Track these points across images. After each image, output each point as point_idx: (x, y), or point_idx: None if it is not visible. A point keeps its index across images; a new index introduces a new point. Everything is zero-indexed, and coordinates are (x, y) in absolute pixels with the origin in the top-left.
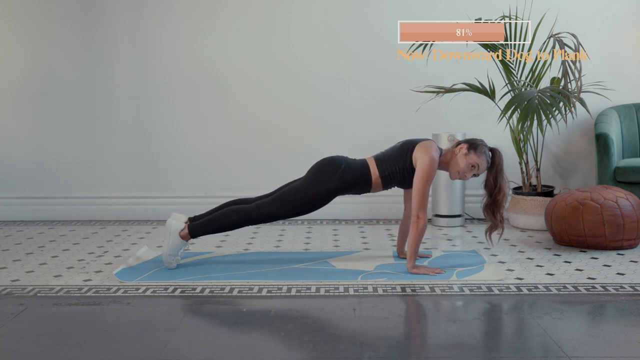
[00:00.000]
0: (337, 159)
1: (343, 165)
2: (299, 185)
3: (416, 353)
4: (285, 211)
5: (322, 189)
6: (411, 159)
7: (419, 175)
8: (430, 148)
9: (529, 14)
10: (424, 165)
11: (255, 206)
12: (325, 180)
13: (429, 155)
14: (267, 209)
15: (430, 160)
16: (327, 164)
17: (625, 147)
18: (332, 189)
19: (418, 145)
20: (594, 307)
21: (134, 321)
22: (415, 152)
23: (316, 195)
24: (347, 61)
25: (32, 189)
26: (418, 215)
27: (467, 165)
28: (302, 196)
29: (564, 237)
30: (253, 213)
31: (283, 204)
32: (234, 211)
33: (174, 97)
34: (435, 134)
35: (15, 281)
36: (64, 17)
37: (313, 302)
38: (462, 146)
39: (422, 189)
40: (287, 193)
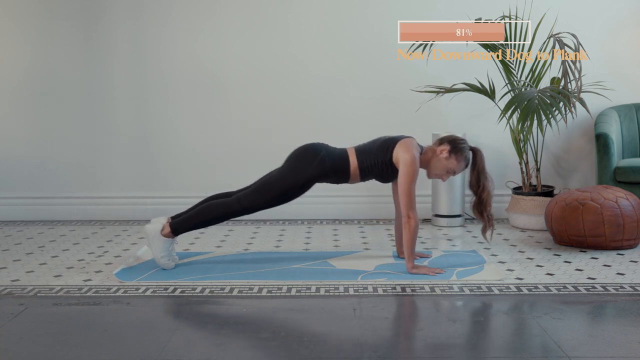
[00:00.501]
0: (317, 146)
1: (322, 152)
2: (278, 173)
3: (416, 353)
4: (265, 201)
5: (300, 176)
6: (391, 155)
7: (403, 174)
8: (411, 146)
9: (529, 14)
10: (407, 165)
11: (236, 199)
12: (304, 167)
13: (410, 153)
14: (248, 201)
15: (412, 159)
16: (305, 151)
17: (625, 147)
18: (310, 177)
19: (399, 143)
20: (594, 307)
21: (134, 321)
22: (397, 150)
23: (295, 183)
24: (347, 61)
25: (32, 189)
26: (408, 215)
27: (445, 169)
28: (281, 185)
29: (564, 237)
30: (234, 206)
31: (263, 194)
32: (215, 205)
33: (174, 97)
34: (435, 134)
35: (15, 281)
36: (64, 17)
37: (313, 302)
38: (444, 148)
39: (407, 188)
40: (267, 182)
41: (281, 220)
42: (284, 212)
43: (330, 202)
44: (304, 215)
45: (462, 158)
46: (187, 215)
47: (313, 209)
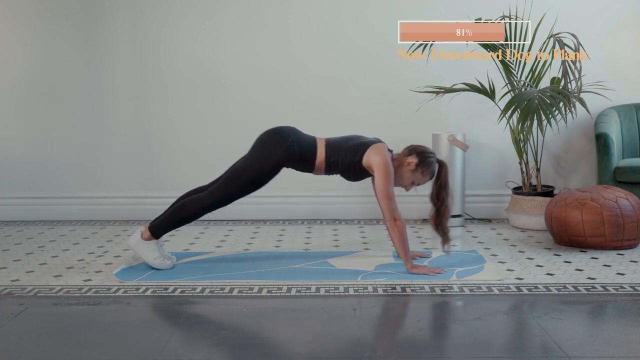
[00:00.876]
0: (285, 130)
1: (291, 137)
2: (246, 160)
3: (416, 353)
4: (238, 189)
5: (269, 161)
6: (362, 157)
7: (379, 179)
8: (383, 150)
9: (529, 14)
10: (381, 168)
11: (209, 193)
12: (271, 151)
13: (382, 156)
14: (220, 192)
15: (385, 161)
16: (274, 135)
17: (625, 147)
18: (278, 161)
19: (371, 148)
20: (594, 307)
21: (134, 321)
22: (368, 154)
23: (264, 168)
24: (347, 61)
25: (32, 189)
26: (393, 218)
27: (411, 182)
28: (250, 171)
29: (564, 237)
30: (208, 199)
31: (234, 183)
32: (189, 202)
33: (174, 97)
34: (435, 134)
35: (15, 281)
36: (64, 17)
37: (313, 302)
38: (412, 161)
39: (386, 191)
40: (236, 171)
41: (281, 220)
42: (284, 212)
43: (330, 202)
44: (304, 215)
45: (428, 172)
46: (163, 216)
47: (313, 209)
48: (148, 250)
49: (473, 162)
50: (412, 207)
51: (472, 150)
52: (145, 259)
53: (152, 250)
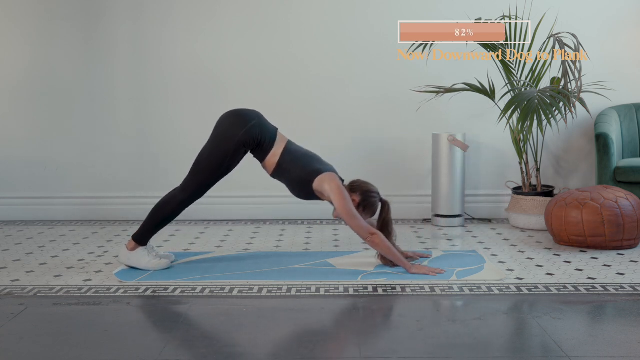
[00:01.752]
0: (250, 113)
1: (255, 121)
2: (209, 146)
3: (416, 353)
4: (206, 177)
5: (230, 144)
6: (314, 179)
7: (338, 203)
8: (335, 178)
9: (529, 14)
10: (335, 192)
11: (180, 189)
12: (232, 134)
13: (335, 182)
14: (190, 185)
15: (338, 186)
16: (233, 117)
17: (625, 147)
18: (239, 143)
19: (324, 175)
20: (594, 307)
21: (134, 321)
22: (321, 179)
23: (226, 152)
24: (347, 61)
25: (32, 189)
26: (368, 233)
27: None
28: (214, 156)
29: (564, 237)
30: (180, 195)
31: (201, 172)
32: (164, 203)
33: (174, 97)
34: (435, 134)
35: (15, 281)
36: (64, 17)
37: (313, 302)
38: (355, 199)
39: (349, 212)
40: (201, 160)
41: (281, 220)
42: (284, 212)
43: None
44: (304, 215)
45: (370, 211)
46: (143, 224)
47: (313, 209)
48: (138, 258)
49: (473, 162)
50: (411, 207)
51: (472, 150)
52: (139, 267)
53: (142, 256)
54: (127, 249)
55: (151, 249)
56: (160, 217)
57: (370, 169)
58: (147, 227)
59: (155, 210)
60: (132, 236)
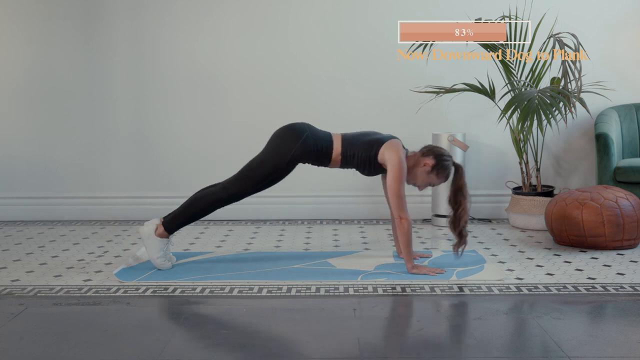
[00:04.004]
0: (301, 125)
1: (306, 132)
2: (262, 156)
3: (416, 353)
4: (252, 185)
5: (284, 157)
6: (377, 153)
7: (391, 177)
8: (398, 148)
9: (529, 14)
10: (394, 167)
11: (222, 187)
12: (287, 146)
13: (397, 155)
14: (234, 187)
15: (399, 161)
16: (288, 131)
17: (625, 147)
18: (294, 156)
19: (386, 144)
20: (594, 307)
21: (134, 321)
22: (383, 150)
23: (279, 165)
24: (347, 61)
25: (32, 189)
26: (400, 216)
27: (425, 182)
28: (266, 167)
29: (564, 237)
30: (220, 194)
31: (249, 178)
32: (202, 196)
33: (174, 97)
34: (435, 134)
35: (15, 281)
36: (64, 17)
37: (313, 302)
38: (428, 162)
39: (397, 189)
40: (251, 166)
41: (281, 220)
42: (284, 212)
43: (330, 202)
44: (304, 215)
45: (444, 175)
46: (177, 211)
47: (313, 209)
48: (155, 247)
49: (473, 162)
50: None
51: (472, 150)
52: (149, 253)
53: (159, 249)
54: (154, 230)
55: (170, 245)
56: (194, 210)
57: None
58: (180, 217)
59: (192, 200)
60: (162, 221)
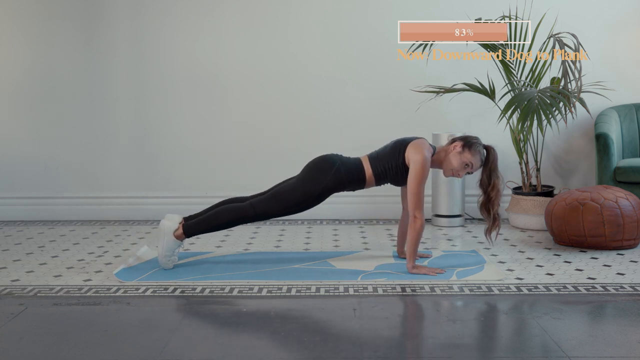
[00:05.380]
0: (332, 157)
1: (337, 163)
2: (294, 183)
3: (416, 353)
4: (280, 210)
5: (316, 187)
6: (404, 157)
7: (412, 175)
8: (423, 147)
9: (529, 14)
10: (417, 165)
11: (250, 204)
12: (320, 178)
13: (421, 154)
14: (262, 207)
15: (423, 160)
16: (321, 162)
17: (625, 147)
18: (326, 187)
19: (410, 144)
20: (594, 307)
21: (134, 321)
22: (408, 151)
23: (311, 194)
24: (347, 61)
25: (32, 189)
26: (415, 215)
27: (461, 163)
28: (297, 194)
29: (564, 237)
30: (247, 211)
31: (278, 202)
32: (228, 210)
33: (174, 97)
34: (435, 134)
35: (15, 281)
36: (64, 17)
37: (313, 302)
38: (457, 144)
39: (416, 188)
40: (282, 191)
41: (281, 220)
42: None
43: (330, 202)
44: (304, 215)
45: (476, 152)
46: (201, 218)
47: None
48: (169, 246)
49: None
50: None
51: None
52: (160, 249)
53: (171, 249)
54: (173, 232)
55: (181, 248)
56: (218, 222)
57: None
58: (202, 225)
59: (216, 212)
60: (184, 224)
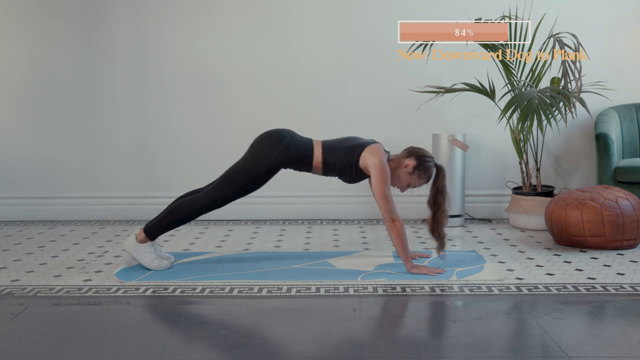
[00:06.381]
0: (282, 132)
1: (287, 139)
2: (243, 161)
3: (416, 353)
4: (234, 191)
5: (265, 162)
6: (358, 158)
7: (375, 180)
8: (379, 151)
9: (529, 14)
10: (376, 169)
11: (205, 193)
12: (268, 153)
13: (378, 158)
14: (216, 193)
15: (381, 163)
16: (270, 137)
17: (625, 147)
18: (275, 162)
19: (367, 149)
20: (594, 307)
21: (134, 321)
22: (364, 155)
23: (260, 170)
24: (347, 61)
25: (32, 189)
26: (391, 219)
27: (408, 184)
28: (247, 172)
29: (564, 237)
30: (203, 200)
31: (231, 184)
32: (184, 203)
33: (174, 97)
34: (435, 134)
35: (15, 281)
36: (64, 17)
37: (313, 302)
38: (410, 163)
39: (383, 192)
40: (233, 173)
41: (281, 220)
42: (284, 212)
43: (330, 202)
44: (304, 215)
45: (425, 176)
46: (158, 218)
47: (313, 209)
48: (144, 253)
49: (473, 162)
50: (411, 207)
51: (472, 150)
52: (141, 261)
53: (148, 252)
54: (136, 239)
55: (158, 247)
56: (177, 217)
57: None
58: (162, 222)
59: (174, 207)
60: (143, 228)
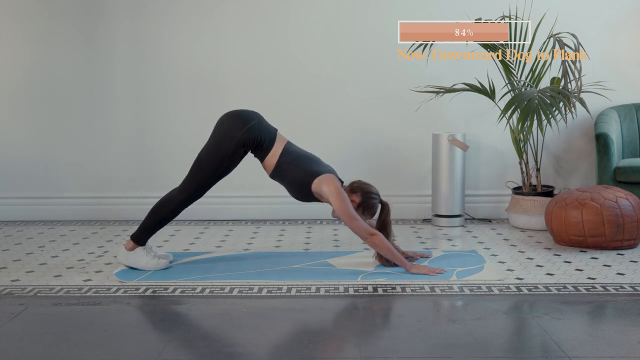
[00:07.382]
0: (249, 114)
1: (254, 121)
2: (208, 147)
3: (416, 353)
4: (206, 178)
5: (230, 143)
6: (312, 181)
7: (337, 205)
8: (334, 181)
9: (529, 14)
10: (334, 195)
11: (179, 189)
12: (231, 134)
13: (333, 185)
14: (189, 186)
15: (336, 188)
16: (235, 117)
17: (625, 147)
18: (239, 143)
19: (321, 177)
20: (594, 307)
21: (134, 321)
22: (319, 182)
23: (226, 152)
24: (347, 61)
25: (32, 189)
26: (368, 234)
27: None
28: (214, 157)
29: (564, 237)
30: (179, 196)
31: (200, 172)
32: (164, 202)
33: (174, 97)
34: (435, 134)
35: (15, 281)
36: (64, 17)
37: (313, 302)
38: (355, 199)
39: (348, 214)
40: (200, 159)
41: (281, 220)
42: (284, 212)
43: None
44: (304, 215)
45: (369, 213)
46: (141, 225)
47: (313, 209)
48: (137, 257)
49: (473, 162)
50: (411, 207)
51: (472, 150)
52: (137, 266)
53: (141, 256)
54: (125, 248)
55: (149, 248)
56: (158, 218)
57: (370, 169)
58: (145, 226)
59: (153, 210)
60: (130, 236)
